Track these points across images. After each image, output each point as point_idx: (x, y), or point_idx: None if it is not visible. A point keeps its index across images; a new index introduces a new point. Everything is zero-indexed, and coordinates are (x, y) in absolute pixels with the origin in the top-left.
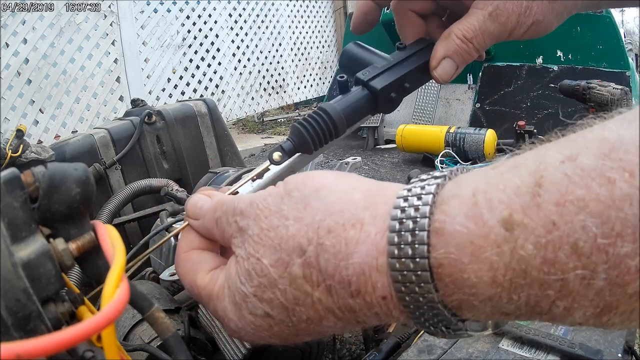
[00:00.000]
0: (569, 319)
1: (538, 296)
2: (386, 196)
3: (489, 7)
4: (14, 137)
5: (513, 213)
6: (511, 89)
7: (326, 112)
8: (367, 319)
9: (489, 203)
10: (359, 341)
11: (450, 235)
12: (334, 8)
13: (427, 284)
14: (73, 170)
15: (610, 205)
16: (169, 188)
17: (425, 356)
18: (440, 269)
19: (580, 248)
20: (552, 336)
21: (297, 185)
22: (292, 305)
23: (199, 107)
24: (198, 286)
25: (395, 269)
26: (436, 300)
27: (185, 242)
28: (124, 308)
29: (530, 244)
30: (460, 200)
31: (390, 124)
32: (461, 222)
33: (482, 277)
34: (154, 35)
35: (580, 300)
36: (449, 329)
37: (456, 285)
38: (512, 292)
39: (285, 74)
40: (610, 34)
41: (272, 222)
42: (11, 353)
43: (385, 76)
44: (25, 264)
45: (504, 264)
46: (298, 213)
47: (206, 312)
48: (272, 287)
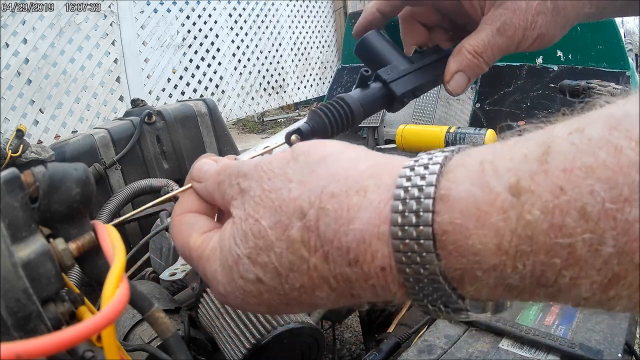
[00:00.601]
0: (575, 292)
1: (544, 265)
2: (392, 167)
3: (497, 23)
4: (14, 137)
5: (520, 179)
6: (511, 89)
7: (346, 103)
8: (363, 293)
9: (496, 171)
10: (359, 341)
11: (456, 201)
12: (334, 8)
13: (430, 253)
14: (73, 170)
15: (617, 171)
16: (168, 188)
17: (425, 356)
18: (444, 236)
19: (588, 213)
20: (552, 336)
21: (304, 152)
22: (286, 271)
23: (199, 107)
24: (190, 247)
25: (397, 237)
26: (438, 272)
27: (183, 204)
28: (124, 308)
29: (537, 209)
30: (467, 168)
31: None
32: (467, 189)
33: (487, 243)
34: (154, 35)
35: (588, 269)
36: (447, 307)
37: (460, 253)
38: (517, 261)
39: (285, 74)
40: (610, 34)
41: (275, 184)
42: (11, 353)
43: (405, 81)
44: (25, 264)
45: (510, 230)
46: (302, 177)
47: (206, 312)
48: (267, 250)
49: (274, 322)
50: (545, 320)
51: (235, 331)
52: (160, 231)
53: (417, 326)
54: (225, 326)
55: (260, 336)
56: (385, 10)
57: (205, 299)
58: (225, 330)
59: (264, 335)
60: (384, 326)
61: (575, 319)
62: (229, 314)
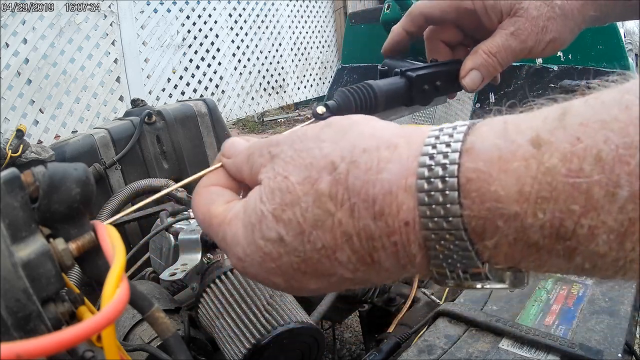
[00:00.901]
0: (593, 245)
1: (563, 212)
2: (421, 131)
3: (510, 27)
4: (14, 137)
5: (540, 134)
6: (511, 89)
7: (371, 87)
8: (385, 256)
9: (518, 128)
10: (359, 341)
11: (480, 152)
12: (334, 8)
13: (454, 204)
14: (73, 170)
15: (629, 123)
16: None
17: (425, 356)
18: (468, 184)
19: (603, 159)
20: (552, 336)
21: (336, 120)
22: (310, 228)
23: (199, 107)
24: (211, 214)
25: (423, 190)
26: (460, 226)
27: (209, 178)
28: (124, 308)
29: (556, 157)
30: (491, 127)
31: None
32: (491, 141)
33: (509, 189)
34: (154, 35)
35: (605, 216)
36: (466, 273)
37: (482, 201)
38: (537, 208)
39: (285, 74)
40: (611, 34)
41: (307, 145)
42: (11, 353)
43: (419, 69)
44: (25, 264)
45: (531, 177)
46: (335, 137)
47: (206, 312)
48: (293, 206)
49: (274, 322)
50: (545, 320)
51: (235, 331)
52: (160, 231)
53: (417, 326)
54: (225, 326)
55: (260, 336)
56: (411, 31)
57: (205, 299)
58: (225, 330)
59: (264, 335)
60: (384, 326)
61: (575, 319)
62: (229, 314)
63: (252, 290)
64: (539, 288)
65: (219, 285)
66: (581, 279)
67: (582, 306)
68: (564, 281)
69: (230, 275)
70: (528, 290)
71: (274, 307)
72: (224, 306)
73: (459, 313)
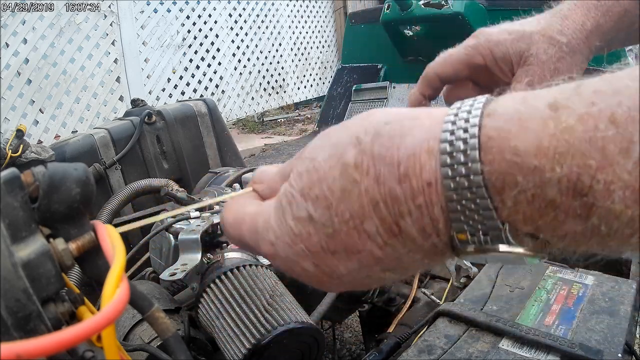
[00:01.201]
0: (609, 201)
1: (580, 167)
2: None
3: (525, 79)
4: (14, 137)
5: (558, 100)
6: None
7: None
8: (410, 222)
9: (537, 96)
10: (359, 341)
11: (500, 114)
12: (334, 8)
13: (475, 162)
14: (73, 170)
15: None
16: (169, 188)
17: (425, 356)
18: (488, 142)
19: (617, 119)
20: (552, 336)
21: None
22: (337, 201)
23: (199, 107)
24: (245, 212)
25: (445, 152)
26: (481, 183)
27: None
28: (124, 308)
29: (572, 119)
30: (512, 97)
31: None
32: (512, 107)
33: (528, 145)
34: (154, 35)
35: (620, 172)
36: (487, 235)
37: (502, 155)
38: (555, 163)
39: (285, 74)
40: None
41: (333, 129)
42: (11, 353)
43: None
44: (25, 264)
45: (549, 134)
46: (359, 119)
47: (206, 312)
48: (320, 182)
49: (274, 322)
50: (545, 320)
51: (235, 331)
52: (160, 231)
53: (417, 326)
54: (225, 326)
55: (260, 336)
56: (428, 93)
57: (205, 299)
58: (225, 330)
59: (264, 335)
60: (384, 326)
61: (575, 319)
62: (229, 314)
63: (252, 290)
64: (539, 288)
65: (219, 285)
66: (581, 279)
67: (582, 306)
68: (564, 281)
69: (230, 275)
70: (528, 290)
71: (274, 307)
72: (224, 306)
73: (459, 313)
